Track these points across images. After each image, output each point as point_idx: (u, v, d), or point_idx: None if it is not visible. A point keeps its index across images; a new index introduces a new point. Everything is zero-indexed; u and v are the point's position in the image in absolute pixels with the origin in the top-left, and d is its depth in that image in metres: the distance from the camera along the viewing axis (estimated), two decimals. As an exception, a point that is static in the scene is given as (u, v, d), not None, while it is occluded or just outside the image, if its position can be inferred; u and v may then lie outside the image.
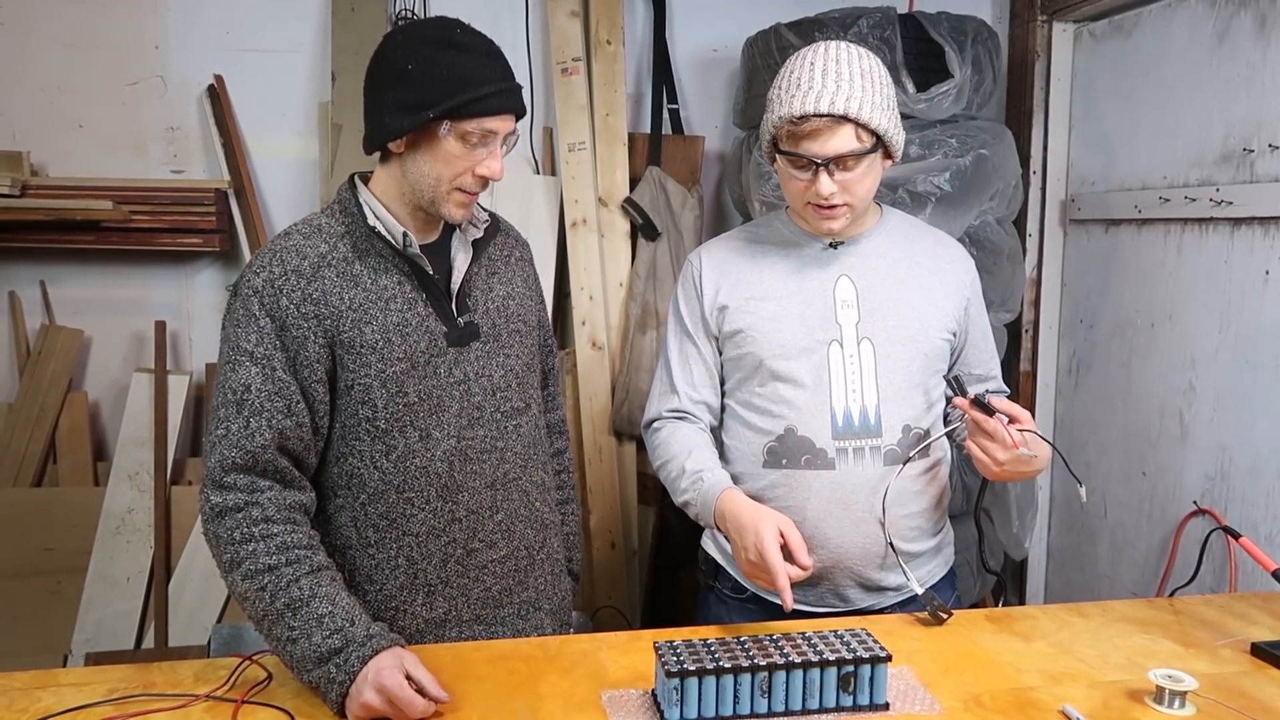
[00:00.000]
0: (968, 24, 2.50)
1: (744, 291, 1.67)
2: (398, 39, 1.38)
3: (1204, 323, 2.38)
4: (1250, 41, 2.24)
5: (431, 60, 1.33)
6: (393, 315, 1.39)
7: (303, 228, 1.43)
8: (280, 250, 1.38)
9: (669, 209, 2.86)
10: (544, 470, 1.60)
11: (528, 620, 1.55)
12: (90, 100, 2.75)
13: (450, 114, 1.33)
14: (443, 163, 1.37)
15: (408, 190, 1.41)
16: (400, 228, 1.41)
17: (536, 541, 1.56)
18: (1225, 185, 2.30)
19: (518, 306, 1.55)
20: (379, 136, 1.38)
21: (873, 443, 1.61)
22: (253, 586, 1.28)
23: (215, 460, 1.32)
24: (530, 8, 2.89)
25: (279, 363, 1.34)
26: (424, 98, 1.32)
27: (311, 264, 1.37)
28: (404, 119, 1.33)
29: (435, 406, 1.43)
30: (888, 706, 1.28)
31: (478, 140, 1.36)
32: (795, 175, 1.57)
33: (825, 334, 1.63)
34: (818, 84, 1.51)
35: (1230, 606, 1.66)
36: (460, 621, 1.49)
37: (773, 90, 1.58)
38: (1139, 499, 2.61)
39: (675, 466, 1.66)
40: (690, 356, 1.72)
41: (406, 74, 1.33)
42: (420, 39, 1.36)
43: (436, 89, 1.32)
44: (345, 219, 1.42)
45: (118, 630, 2.66)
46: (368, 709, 1.21)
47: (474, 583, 1.49)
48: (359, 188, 1.45)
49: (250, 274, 1.37)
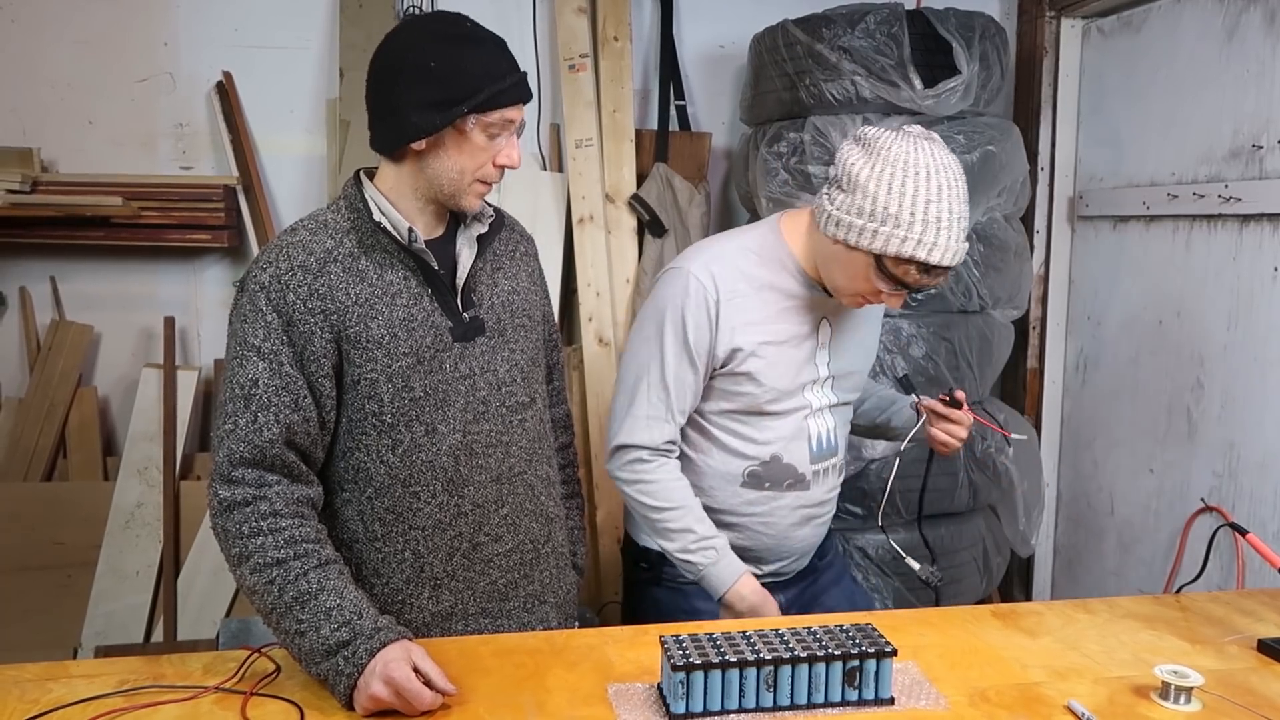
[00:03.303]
0: (975, 20, 2.50)
1: (755, 335, 1.67)
2: (408, 38, 1.38)
3: (1212, 319, 2.37)
4: (1259, 37, 2.24)
5: (453, 56, 1.34)
6: (398, 310, 1.40)
7: (309, 223, 1.43)
8: (286, 246, 1.39)
9: (676, 205, 2.86)
10: (549, 465, 1.61)
11: (533, 614, 1.56)
12: (100, 97, 2.76)
13: (478, 108, 1.35)
14: (467, 155, 1.38)
15: (423, 185, 1.41)
16: (406, 223, 1.41)
17: (542, 535, 1.57)
18: (1234, 182, 2.29)
19: (523, 301, 1.55)
20: (401, 136, 1.37)
21: (834, 461, 1.79)
22: (261, 580, 1.29)
23: (223, 455, 1.33)
24: (537, 4, 2.89)
25: (286, 358, 1.35)
26: (453, 94, 1.33)
27: (318, 259, 1.38)
28: (434, 117, 1.34)
29: (441, 401, 1.43)
30: (893, 701, 1.28)
31: (498, 130, 1.38)
32: (875, 282, 1.57)
33: (809, 374, 1.72)
34: (954, 233, 1.51)
35: (1237, 603, 1.65)
36: (466, 615, 1.50)
37: (898, 207, 1.49)
38: (1146, 496, 2.60)
39: (681, 520, 1.68)
40: (686, 384, 1.67)
41: (430, 71, 1.33)
42: (436, 35, 1.36)
43: (464, 84, 1.33)
44: (351, 215, 1.43)
45: (127, 624, 2.67)
46: (375, 701, 1.22)
47: (480, 576, 1.50)
48: (364, 184, 1.45)
49: (257, 269, 1.38)
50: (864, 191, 1.51)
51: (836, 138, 2.41)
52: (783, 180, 2.49)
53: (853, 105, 2.43)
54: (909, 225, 1.49)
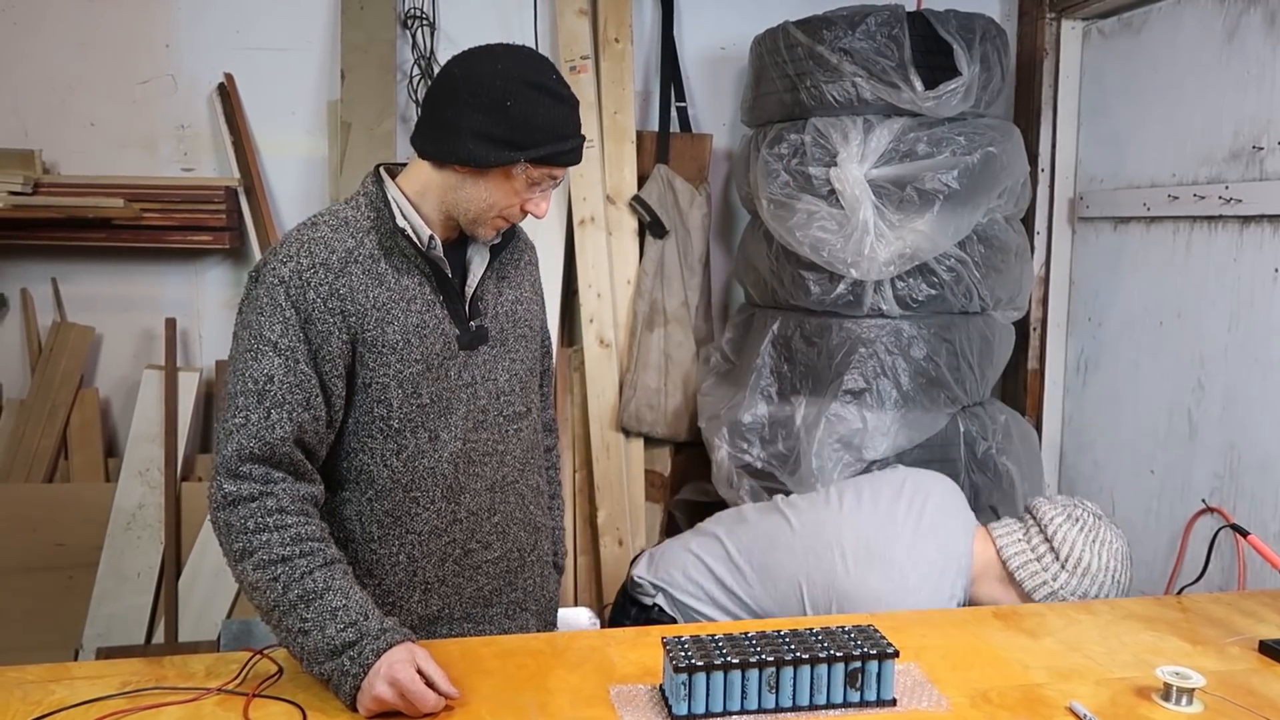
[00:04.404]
0: (976, 21, 2.50)
1: None
2: (495, 68, 1.36)
3: (1213, 321, 2.37)
4: (1260, 38, 2.24)
5: (531, 103, 1.34)
6: (413, 316, 1.40)
7: (329, 219, 1.41)
8: (309, 241, 1.38)
9: (677, 207, 2.86)
10: (539, 474, 1.62)
11: (514, 620, 1.58)
12: (101, 99, 2.76)
13: (535, 160, 1.36)
14: (501, 194, 1.39)
15: (450, 201, 1.41)
16: (428, 230, 1.41)
17: (528, 544, 1.58)
18: (1234, 183, 2.29)
19: (524, 311, 1.56)
20: (452, 154, 1.36)
21: None
22: (265, 576, 1.29)
23: (232, 449, 1.32)
24: (538, 6, 2.89)
25: (302, 355, 1.34)
26: (518, 138, 1.34)
27: (340, 259, 1.37)
28: (491, 152, 1.34)
29: (445, 409, 1.44)
30: (895, 702, 1.28)
31: (539, 181, 1.40)
32: None
33: None
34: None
35: (1238, 604, 1.66)
36: (452, 619, 1.51)
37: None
38: (1147, 497, 2.60)
39: None
40: None
41: (504, 109, 1.33)
42: (523, 77, 1.35)
43: (531, 134, 1.34)
44: (372, 213, 1.42)
45: (128, 625, 2.68)
46: (380, 702, 1.22)
47: (468, 582, 1.51)
48: (386, 182, 1.44)
49: (276, 263, 1.36)
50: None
51: (837, 139, 2.41)
52: (784, 181, 2.49)
53: (853, 107, 2.43)
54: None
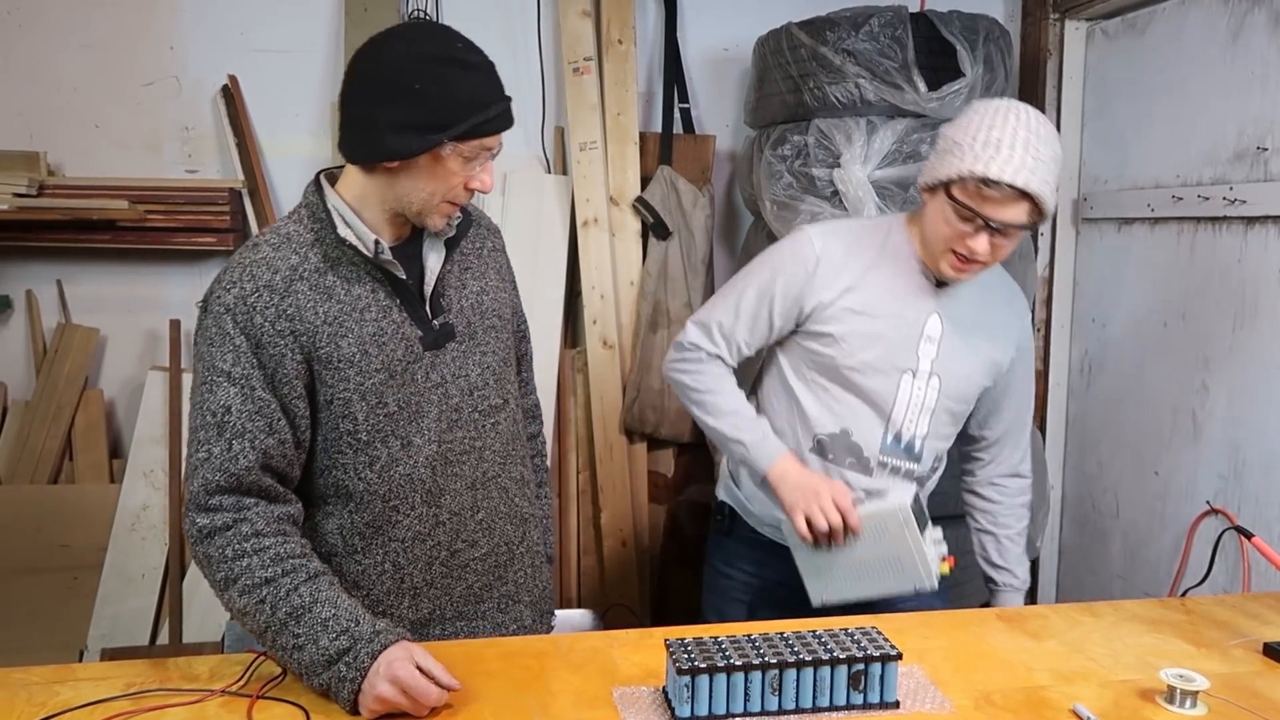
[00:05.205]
0: (979, 22, 2.50)
1: (847, 299, 1.71)
2: (395, 52, 1.30)
3: (1217, 322, 2.37)
4: (1264, 39, 2.23)
5: (440, 80, 1.28)
6: (368, 326, 1.36)
7: (270, 238, 1.37)
8: (250, 264, 1.33)
9: (680, 208, 2.86)
10: (523, 465, 1.59)
11: (507, 613, 1.56)
12: (106, 101, 2.77)
13: (458, 137, 1.30)
14: (440, 180, 1.34)
15: (390, 199, 1.36)
16: (372, 235, 1.36)
17: (516, 536, 1.56)
18: (1239, 184, 2.29)
19: (492, 301, 1.52)
20: (374, 153, 1.32)
21: (910, 466, 1.76)
22: (251, 600, 1.27)
23: (199, 484, 1.29)
24: (541, 7, 2.89)
25: (258, 381, 1.31)
26: (435, 120, 1.28)
27: (284, 278, 1.33)
28: (412, 141, 1.28)
29: (415, 413, 1.41)
30: (898, 705, 1.28)
31: (474, 157, 1.34)
32: (954, 223, 1.60)
33: (904, 362, 1.72)
34: (1018, 155, 1.53)
35: (1243, 606, 1.65)
36: (443, 619, 1.49)
37: (963, 136, 1.58)
38: (1151, 498, 2.60)
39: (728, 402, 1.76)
40: (761, 319, 1.75)
41: (414, 93, 1.27)
42: (425, 56, 1.29)
43: (446, 112, 1.28)
44: (314, 226, 1.38)
45: (133, 626, 2.68)
46: (382, 701, 1.22)
47: (457, 582, 1.49)
48: (326, 191, 1.40)
49: (221, 290, 1.32)
50: (942, 137, 1.63)
51: (840, 140, 2.41)
52: (787, 183, 2.49)
53: (857, 108, 2.43)
54: (969, 146, 1.56)
